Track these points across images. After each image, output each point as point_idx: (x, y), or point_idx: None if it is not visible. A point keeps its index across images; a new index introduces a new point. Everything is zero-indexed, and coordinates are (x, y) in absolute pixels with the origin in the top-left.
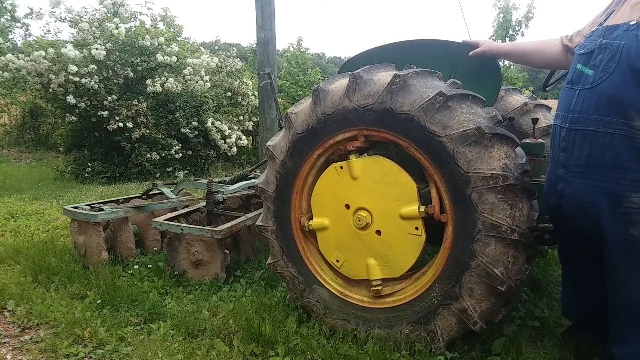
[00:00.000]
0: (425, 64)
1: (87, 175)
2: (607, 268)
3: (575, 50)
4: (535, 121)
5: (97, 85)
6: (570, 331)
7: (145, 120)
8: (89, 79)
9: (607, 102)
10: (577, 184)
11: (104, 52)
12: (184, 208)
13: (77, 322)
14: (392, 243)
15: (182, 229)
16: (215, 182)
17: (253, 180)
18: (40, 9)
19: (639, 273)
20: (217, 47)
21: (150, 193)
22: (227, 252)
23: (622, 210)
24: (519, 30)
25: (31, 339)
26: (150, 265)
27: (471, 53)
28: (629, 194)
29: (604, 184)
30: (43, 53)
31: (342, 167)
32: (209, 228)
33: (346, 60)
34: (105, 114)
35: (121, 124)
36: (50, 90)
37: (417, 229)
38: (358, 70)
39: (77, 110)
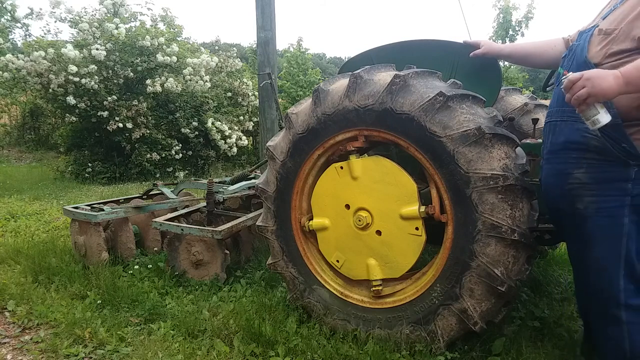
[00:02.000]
0: (425, 64)
1: (87, 175)
2: (569, 254)
3: None
4: (535, 121)
5: (97, 85)
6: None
7: (145, 120)
8: (89, 79)
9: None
10: (545, 169)
11: (104, 52)
12: (184, 208)
13: (77, 322)
14: (392, 243)
15: (182, 229)
16: (215, 182)
17: (253, 180)
18: (40, 9)
19: (590, 248)
20: (217, 47)
21: (150, 193)
22: (227, 252)
23: (568, 186)
24: (519, 30)
25: (31, 339)
26: (150, 265)
27: (471, 54)
28: (572, 170)
29: (557, 165)
30: (42, 53)
31: (342, 167)
32: (209, 228)
33: (346, 60)
34: (105, 114)
35: (121, 124)
36: (50, 90)
37: (417, 229)
38: (358, 70)
39: (77, 110)
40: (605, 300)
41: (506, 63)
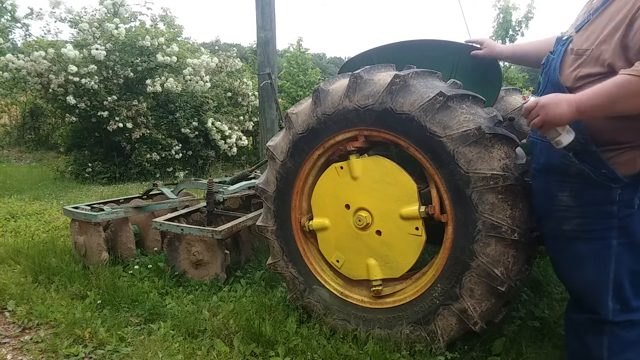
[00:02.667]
0: (425, 64)
1: (87, 175)
2: (556, 271)
3: None
4: None
5: (97, 85)
6: None
7: (145, 120)
8: (89, 79)
9: None
10: (533, 185)
11: (104, 52)
12: (184, 208)
13: (77, 322)
14: (392, 243)
15: (182, 229)
16: (215, 182)
17: (253, 180)
18: (40, 9)
19: (579, 270)
20: (217, 47)
21: (150, 193)
22: (227, 252)
23: (554, 207)
24: (519, 30)
25: (31, 339)
26: (150, 265)
27: (472, 52)
28: (556, 193)
29: (542, 185)
30: (43, 53)
31: (342, 167)
32: (209, 228)
33: (346, 60)
34: (105, 114)
35: (121, 124)
36: (50, 90)
37: (417, 229)
38: (358, 70)
39: (77, 110)
40: (591, 315)
41: (506, 63)
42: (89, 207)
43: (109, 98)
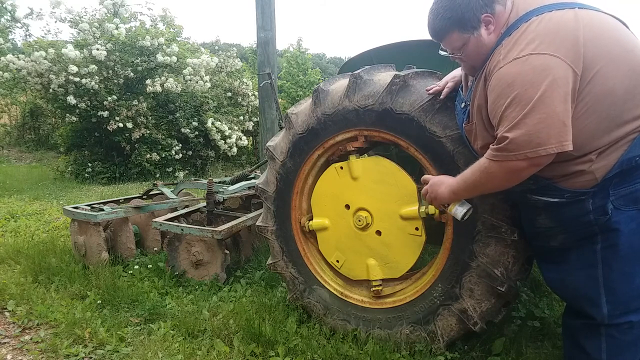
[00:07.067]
0: (425, 64)
1: (87, 175)
2: (547, 282)
3: None
4: None
5: (97, 85)
6: None
7: (145, 120)
8: (89, 79)
9: None
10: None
11: (104, 52)
12: (184, 208)
13: (77, 322)
14: (392, 243)
15: (182, 229)
16: (215, 182)
17: (253, 180)
18: (40, 9)
19: (570, 279)
20: (217, 47)
21: (150, 193)
22: (227, 252)
23: (536, 230)
24: None
25: (31, 339)
26: (150, 265)
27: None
28: (533, 216)
29: (520, 208)
30: (43, 53)
31: (342, 167)
32: (209, 228)
33: (346, 60)
34: (105, 114)
35: (121, 124)
36: (50, 90)
37: (417, 229)
38: (358, 71)
39: (77, 110)
40: (588, 321)
41: None
42: (89, 207)
43: (109, 98)
